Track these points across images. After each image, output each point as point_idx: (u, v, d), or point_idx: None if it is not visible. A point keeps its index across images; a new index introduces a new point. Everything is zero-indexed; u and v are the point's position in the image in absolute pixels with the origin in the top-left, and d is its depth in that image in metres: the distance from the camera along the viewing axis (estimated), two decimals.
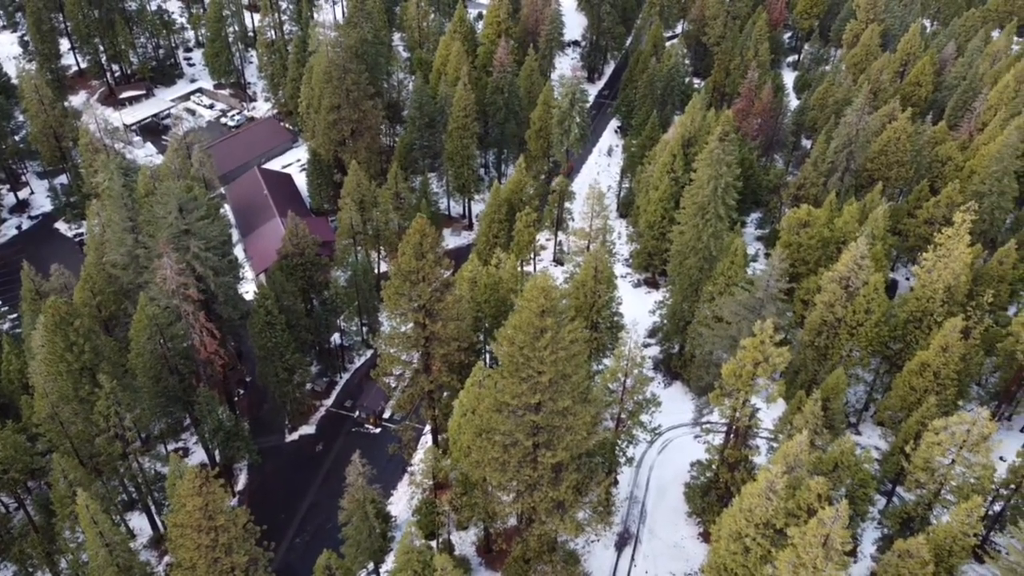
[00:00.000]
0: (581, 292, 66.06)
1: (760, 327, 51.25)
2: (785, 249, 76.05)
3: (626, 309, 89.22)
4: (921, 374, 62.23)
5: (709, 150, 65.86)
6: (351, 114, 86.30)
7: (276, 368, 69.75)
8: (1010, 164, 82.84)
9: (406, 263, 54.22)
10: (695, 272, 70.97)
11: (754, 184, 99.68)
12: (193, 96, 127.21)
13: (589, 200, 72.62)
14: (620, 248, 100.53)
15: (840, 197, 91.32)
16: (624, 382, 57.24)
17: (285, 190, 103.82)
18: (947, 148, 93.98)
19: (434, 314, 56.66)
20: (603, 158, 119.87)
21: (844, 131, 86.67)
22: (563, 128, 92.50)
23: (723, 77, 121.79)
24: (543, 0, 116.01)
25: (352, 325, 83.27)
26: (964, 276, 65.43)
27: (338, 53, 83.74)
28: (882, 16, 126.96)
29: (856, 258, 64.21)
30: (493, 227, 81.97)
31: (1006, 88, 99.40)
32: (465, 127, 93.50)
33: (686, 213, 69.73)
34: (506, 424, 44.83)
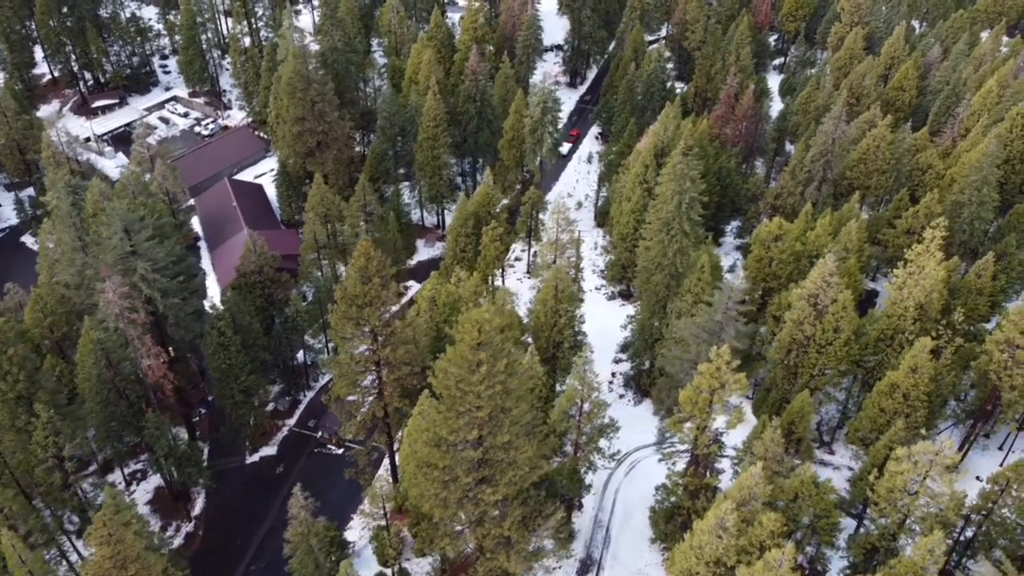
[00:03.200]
0: (542, 311, 64.25)
1: (716, 353, 49.40)
2: (756, 263, 74.25)
3: (599, 322, 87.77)
4: (891, 395, 60.32)
5: (672, 165, 63.95)
6: (316, 125, 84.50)
7: (232, 390, 67.99)
8: (989, 173, 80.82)
9: (352, 287, 52.42)
10: (662, 289, 69.11)
11: (732, 193, 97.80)
12: (168, 104, 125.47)
13: (554, 214, 70.74)
14: (596, 259, 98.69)
15: (817, 207, 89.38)
16: (581, 407, 55.46)
17: (255, 201, 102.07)
18: (928, 156, 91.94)
19: (383, 338, 54.85)
20: (583, 165, 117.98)
21: (821, 140, 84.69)
22: (535, 138, 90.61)
23: (704, 82, 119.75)
24: (519, 5, 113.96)
25: (317, 342, 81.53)
26: (937, 293, 63.47)
27: (302, 63, 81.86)
28: (867, 19, 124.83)
29: (824, 275, 62.29)
30: (460, 241, 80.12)
31: (989, 94, 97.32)
32: (435, 137, 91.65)
33: (651, 229, 67.84)
34: (445, 459, 43.03)
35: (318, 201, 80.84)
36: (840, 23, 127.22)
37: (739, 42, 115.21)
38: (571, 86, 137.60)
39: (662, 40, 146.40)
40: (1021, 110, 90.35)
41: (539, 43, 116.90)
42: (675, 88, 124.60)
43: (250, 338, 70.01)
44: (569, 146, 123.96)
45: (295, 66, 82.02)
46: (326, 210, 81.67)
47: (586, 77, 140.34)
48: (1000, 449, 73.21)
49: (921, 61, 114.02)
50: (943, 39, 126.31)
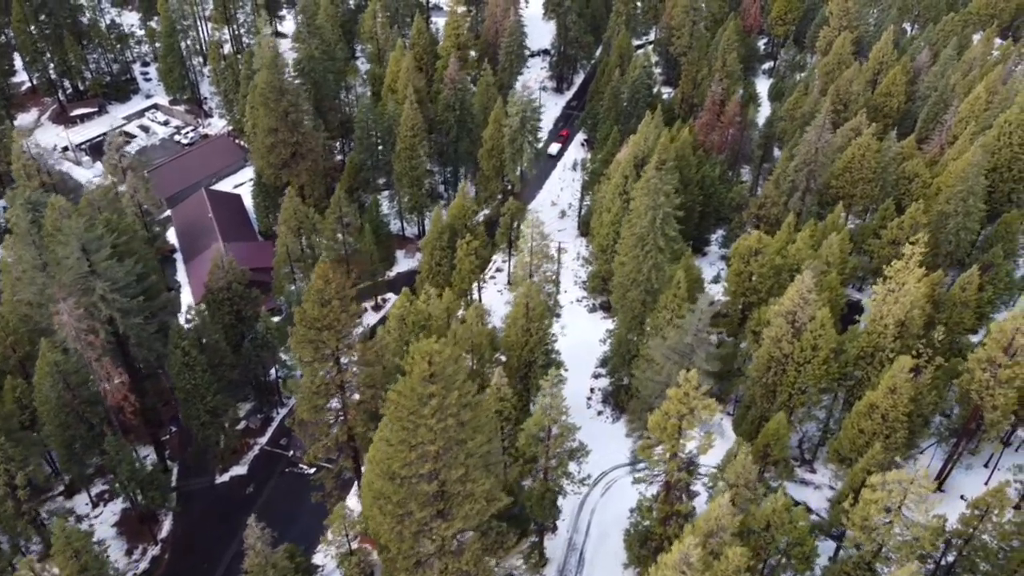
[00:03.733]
0: (513, 329, 62.70)
1: (685, 378, 47.81)
2: (735, 277, 72.68)
3: (580, 335, 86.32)
4: (869, 416, 58.74)
5: (646, 179, 62.37)
6: (289, 137, 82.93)
7: (198, 411, 66.45)
8: (975, 184, 79.23)
9: (310, 309, 50.86)
10: (638, 305, 67.54)
11: (716, 202, 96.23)
12: (148, 112, 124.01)
13: (528, 229, 69.11)
14: (579, 270, 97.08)
15: (802, 217, 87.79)
16: (550, 430, 53.88)
17: (232, 212, 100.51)
18: (914, 165, 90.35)
19: (346, 361, 53.29)
20: (568, 173, 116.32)
21: (803, 149, 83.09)
22: (515, 148, 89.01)
23: (691, 88, 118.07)
24: (502, 11, 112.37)
25: (290, 358, 79.84)
26: (918, 309, 61.85)
27: (275, 74, 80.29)
28: (855, 23, 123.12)
29: (802, 292, 60.74)
30: (435, 254, 78.56)
31: (977, 100, 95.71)
32: (413, 147, 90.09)
33: (625, 244, 66.29)
34: (398, 493, 41.49)
35: (291, 214, 79.30)
36: (829, 27, 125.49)
37: (725, 47, 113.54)
38: (558, 91, 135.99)
39: (650, 45, 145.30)
40: (1009, 117, 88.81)
41: (523, 49, 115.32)
42: (661, 93, 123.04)
43: (217, 357, 68.46)
44: (558, 147, 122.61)
45: (267, 76, 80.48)
46: (299, 223, 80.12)
47: (573, 82, 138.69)
48: (985, 466, 71.63)
49: (910, 66, 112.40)
50: (933, 43, 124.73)
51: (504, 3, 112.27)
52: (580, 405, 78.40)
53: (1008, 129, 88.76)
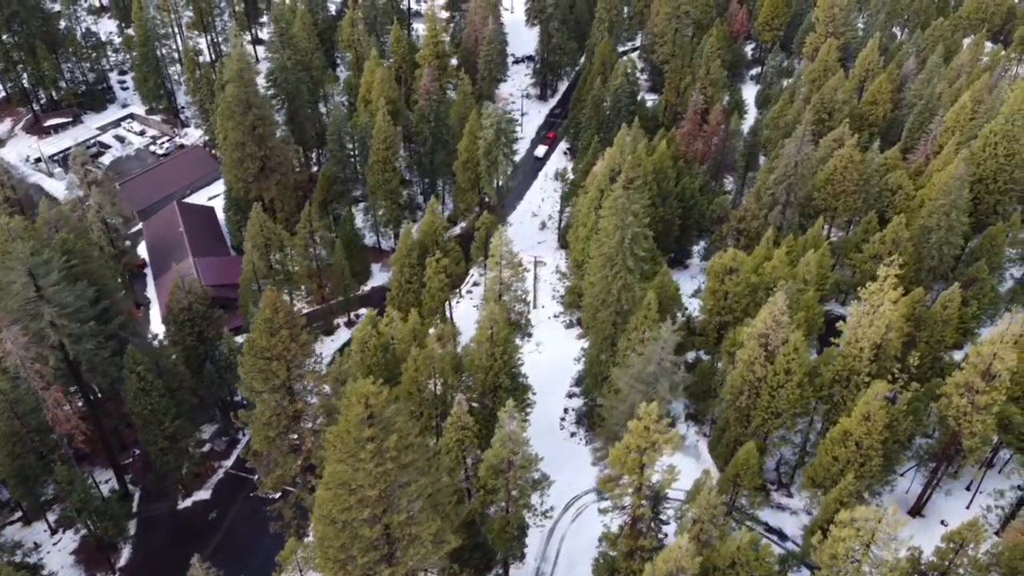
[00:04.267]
0: (477, 354, 60.84)
1: (645, 411, 45.92)
2: (710, 296, 70.81)
3: (555, 352, 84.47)
4: (843, 443, 56.88)
5: (613, 198, 60.48)
6: (256, 151, 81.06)
7: (156, 437, 64.55)
8: (958, 198, 77.33)
9: (258, 339, 48.98)
10: (608, 326, 65.67)
11: (696, 214, 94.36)
12: (123, 122, 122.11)
13: (497, 247, 67.15)
14: (558, 284, 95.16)
15: (782, 231, 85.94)
16: (509, 462, 51.98)
17: (204, 226, 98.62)
18: (898, 176, 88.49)
19: (296, 392, 51.44)
20: (550, 182, 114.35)
21: (783, 163, 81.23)
22: (490, 160, 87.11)
23: (675, 96, 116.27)
24: (481, 19, 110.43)
25: None
26: (895, 332, 59.96)
27: (241, 88, 78.37)
28: (841, 29, 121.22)
29: (774, 314, 58.87)
30: (405, 271, 76.65)
31: (962, 110, 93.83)
32: (386, 160, 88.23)
33: (594, 264, 64.42)
34: (339, 538, 39.62)
35: (257, 231, 77.41)
36: (815, 33, 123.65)
37: (709, 55, 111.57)
38: (541, 99, 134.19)
39: (636, 51, 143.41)
40: (994, 128, 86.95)
41: (503, 57, 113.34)
42: (646, 101, 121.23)
43: (176, 380, 66.60)
44: (545, 148, 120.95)
45: (234, 90, 78.60)
46: (266, 240, 78.23)
47: (557, 89, 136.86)
48: (967, 489, 69.74)
49: (896, 74, 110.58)
50: (922, 48, 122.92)
51: (483, 11, 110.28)
52: (553, 426, 76.62)
53: (993, 140, 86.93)
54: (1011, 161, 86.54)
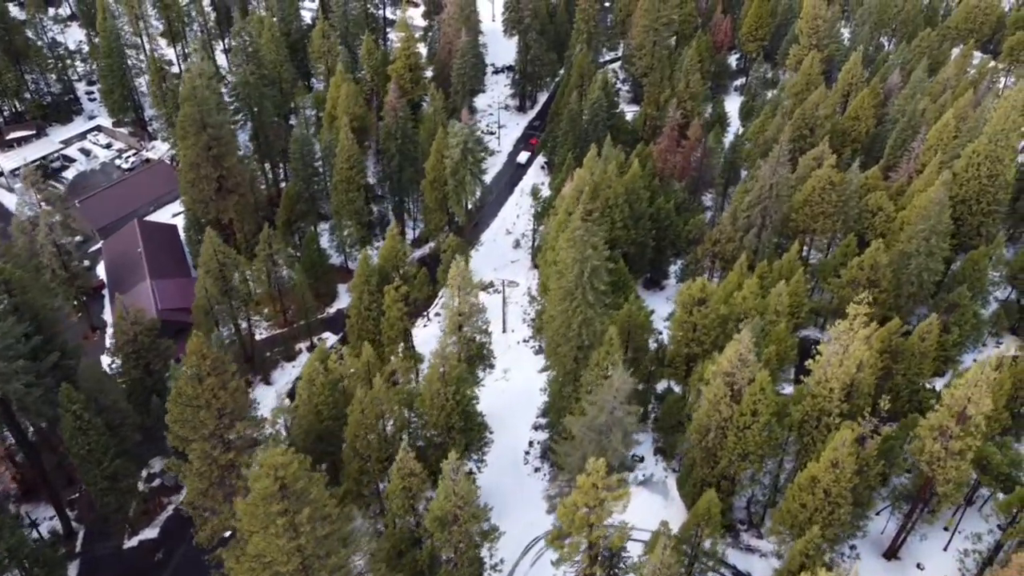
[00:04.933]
0: (428, 394, 57.96)
1: (593, 467, 43.05)
2: (679, 327, 67.97)
3: (524, 379, 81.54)
4: (812, 490, 54.07)
5: (571, 230, 57.60)
6: (212, 172, 78.05)
7: (95, 477, 61.54)
8: (938, 223, 74.60)
9: (184, 387, 46.04)
10: (570, 361, 62.81)
11: (672, 235, 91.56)
12: (89, 135, 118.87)
13: (453, 280, 64.09)
14: (530, 308, 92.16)
15: (758, 254, 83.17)
16: (454, 515, 49.08)
17: (165, 246, 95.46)
18: (878, 197, 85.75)
19: (229, 442, 48.52)
20: (526, 198, 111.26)
21: (758, 185, 78.45)
22: (457, 180, 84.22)
23: (655, 110, 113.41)
24: (454, 30, 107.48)
25: None
26: (866, 371, 57.15)
27: (194, 107, 75.34)
28: (825, 42, 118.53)
29: (740, 352, 56.04)
30: (364, 299, 73.67)
31: (945, 128, 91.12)
32: (350, 180, 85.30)
33: (553, 297, 61.55)
34: None
35: (210, 256, 74.36)
36: (799, 45, 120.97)
37: (689, 68, 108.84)
38: (520, 110, 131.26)
39: (618, 61, 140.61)
40: (977, 148, 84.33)
41: (477, 71, 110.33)
42: (625, 113, 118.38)
43: (117, 417, 63.56)
44: (527, 155, 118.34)
45: (187, 109, 75.58)
46: (220, 265, 75.20)
47: (536, 100, 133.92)
48: (945, 529, 66.99)
49: (880, 88, 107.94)
50: (907, 61, 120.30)
51: (456, 22, 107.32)
52: (516, 459, 73.79)
53: (976, 160, 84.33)
54: (994, 182, 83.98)
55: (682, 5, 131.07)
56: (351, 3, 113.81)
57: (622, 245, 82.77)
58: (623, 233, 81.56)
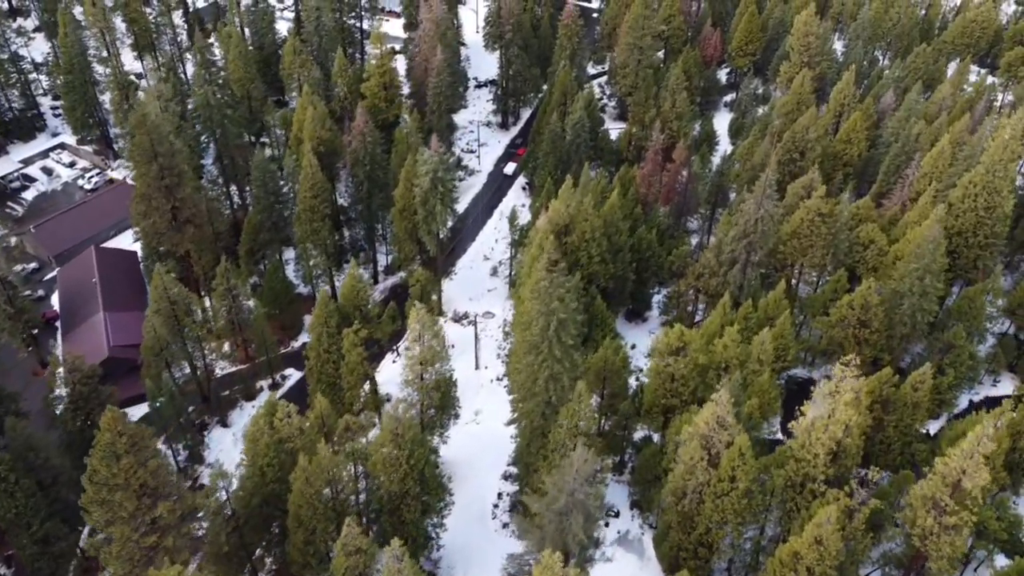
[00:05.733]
0: (379, 460, 53.57)
1: (547, 560, 38.74)
2: (655, 377, 63.65)
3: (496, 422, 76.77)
4: (793, 567, 49.81)
5: (535, 281, 53.25)
6: (164, 204, 73.55)
7: (24, 542, 57.08)
8: (933, 262, 70.42)
9: (98, 466, 41.63)
10: (536, 417, 58.48)
11: (654, 266, 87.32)
12: (53, 153, 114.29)
13: (414, 326, 59.62)
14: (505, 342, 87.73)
15: (743, 290, 78.89)
16: None
17: (124, 274, 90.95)
18: (870, 230, 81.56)
19: (153, 522, 44.09)
20: (505, 222, 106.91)
21: (743, 219, 74.19)
22: (427, 210, 79.79)
23: (640, 130, 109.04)
24: (429, 47, 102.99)
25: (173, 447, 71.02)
26: (853, 436, 52.91)
27: (144, 135, 70.79)
28: (817, 59, 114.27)
29: (718, 414, 51.80)
30: (323, 340, 69.21)
31: (941, 155, 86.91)
32: (314, 209, 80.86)
33: (518, 349, 57.22)
34: None
35: (160, 295, 69.94)
36: (790, 62, 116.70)
37: (675, 87, 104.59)
38: (503, 127, 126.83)
39: (605, 75, 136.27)
40: (974, 178, 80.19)
41: (454, 89, 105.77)
42: (610, 133, 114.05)
43: (50, 475, 59.09)
44: (514, 167, 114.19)
45: (137, 139, 71.06)
46: (172, 303, 70.77)
47: (520, 116, 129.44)
48: None
49: (873, 109, 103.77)
50: (902, 79, 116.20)
51: (431, 39, 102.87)
52: (484, 513, 69.56)
53: (973, 191, 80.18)
54: (991, 214, 79.88)
55: (670, 19, 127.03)
56: (324, 16, 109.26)
57: (600, 280, 78.51)
58: (601, 268, 77.26)
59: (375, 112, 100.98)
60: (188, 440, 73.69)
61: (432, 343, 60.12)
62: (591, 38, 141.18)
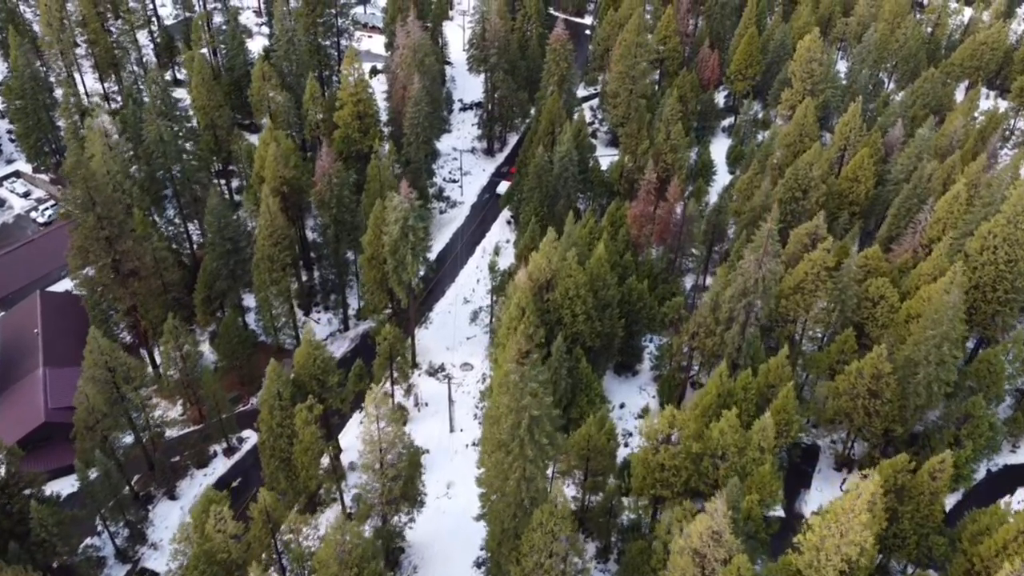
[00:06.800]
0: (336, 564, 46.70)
1: None
2: (642, 467, 56.84)
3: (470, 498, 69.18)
4: None
5: (504, 373, 46.42)
6: (104, 257, 66.58)
7: None
8: (951, 329, 63.70)
9: None
10: (507, 519, 51.63)
11: (645, 318, 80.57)
12: (7, 181, 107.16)
13: (370, 411, 52.75)
14: (483, 400, 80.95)
15: (742, 352, 72.08)
16: None
17: (71, 323, 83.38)
18: (879, 285, 74.82)
19: None
20: (487, 258, 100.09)
21: (742, 278, 67.43)
22: (397, 259, 72.98)
23: (632, 163, 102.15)
24: (406, 74, 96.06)
25: (94, 546, 64.01)
26: (866, 555, 46.14)
27: (79, 186, 63.71)
28: (820, 86, 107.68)
29: (712, 528, 45.02)
30: (276, 414, 62.12)
31: (955, 201, 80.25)
32: (273, 258, 73.97)
33: (486, 444, 50.36)
34: None
35: (95, 360, 63.00)
36: (792, 89, 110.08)
37: (669, 118, 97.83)
38: (488, 153, 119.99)
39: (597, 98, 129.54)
40: (993, 228, 73.66)
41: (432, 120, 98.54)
42: (601, 163, 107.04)
43: None
44: (507, 185, 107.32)
45: (72, 188, 64.07)
46: (109, 368, 63.84)
47: (506, 142, 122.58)
48: None
49: (880, 143, 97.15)
50: (909, 107, 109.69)
51: (408, 66, 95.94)
52: None
53: (992, 242, 73.62)
54: (1012, 268, 73.38)
55: (666, 39, 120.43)
56: (297, 37, 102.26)
57: (585, 339, 71.70)
58: (586, 327, 70.46)
59: (349, 143, 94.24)
60: (129, 517, 66.71)
61: (390, 430, 53.26)
62: (583, 57, 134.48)
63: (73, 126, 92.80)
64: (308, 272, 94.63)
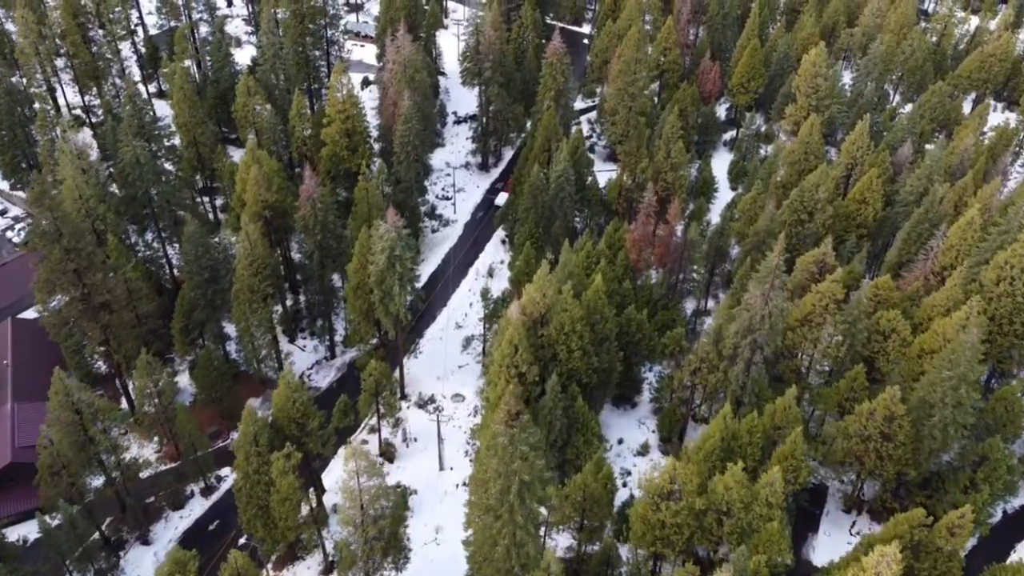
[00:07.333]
0: None
1: None
2: (641, 523, 53.21)
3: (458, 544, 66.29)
4: None
5: (492, 435, 42.79)
6: (72, 291, 62.86)
7: None
8: (969, 371, 60.10)
9: None
10: None
11: (645, 348, 76.95)
12: None
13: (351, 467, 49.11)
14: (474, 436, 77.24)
15: (746, 390, 68.47)
16: None
17: (43, 353, 79.84)
18: (891, 317, 71.25)
19: None
20: (481, 281, 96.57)
21: (746, 314, 63.84)
22: (383, 290, 69.33)
23: (631, 181, 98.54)
24: (396, 91, 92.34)
25: None
26: None
27: (46, 215, 59.98)
28: (826, 102, 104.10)
29: None
30: (252, 460, 58.37)
31: (969, 227, 76.67)
32: (253, 289, 70.29)
33: (473, 509, 46.72)
34: None
35: (61, 402, 59.31)
36: (796, 104, 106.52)
37: (669, 136, 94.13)
38: (483, 169, 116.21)
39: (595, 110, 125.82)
40: (1010, 258, 70.18)
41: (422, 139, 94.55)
42: (597, 179, 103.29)
43: None
44: (506, 196, 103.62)
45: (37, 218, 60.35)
46: (76, 409, 60.16)
47: (501, 157, 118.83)
48: None
49: (888, 163, 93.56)
50: (917, 122, 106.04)
51: (398, 81, 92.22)
52: None
53: (1009, 273, 70.13)
54: None
55: (666, 51, 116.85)
56: (284, 50, 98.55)
57: (582, 375, 68.06)
58: (582, 363, 66.82)
59: (336, 161, 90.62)
60: (98, 566, 63.01)
61: (371, 485, 49.61)
62: (581, 68, 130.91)
63: (50, 143, 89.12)
64: (294, 295, 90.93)
